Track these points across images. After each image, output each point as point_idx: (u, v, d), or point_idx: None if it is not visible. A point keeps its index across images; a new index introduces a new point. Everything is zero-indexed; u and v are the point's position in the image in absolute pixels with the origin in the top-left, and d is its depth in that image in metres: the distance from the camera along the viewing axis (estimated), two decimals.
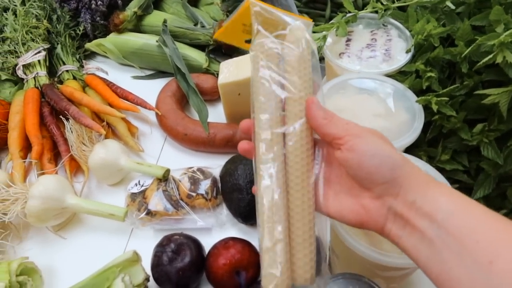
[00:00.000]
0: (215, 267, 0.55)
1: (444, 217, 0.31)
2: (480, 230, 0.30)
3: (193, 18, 0.94)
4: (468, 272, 0.29)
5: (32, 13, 0.90)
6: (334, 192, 0.37)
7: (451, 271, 0.30)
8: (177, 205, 0.65)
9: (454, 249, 0.30)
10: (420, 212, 0.32)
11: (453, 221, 0.31)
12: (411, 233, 0.32)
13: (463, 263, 0.29)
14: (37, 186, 0.63)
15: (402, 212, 0.33)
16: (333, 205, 0.37)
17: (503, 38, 0.47)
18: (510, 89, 0.48)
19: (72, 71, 0.87)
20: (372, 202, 0.34)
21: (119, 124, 0.78)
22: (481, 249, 0.29)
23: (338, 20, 0.65)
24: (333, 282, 0.43)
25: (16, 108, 0.78)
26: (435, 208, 0.32)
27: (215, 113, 0.83)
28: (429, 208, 0.32)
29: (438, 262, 0.31)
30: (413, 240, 0.32)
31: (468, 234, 0.30)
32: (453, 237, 0.30)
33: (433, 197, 0.32)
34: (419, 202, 0.32)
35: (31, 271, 0.60)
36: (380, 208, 0.34)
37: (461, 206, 0.32)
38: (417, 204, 0.32)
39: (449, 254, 0.30)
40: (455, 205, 0.31)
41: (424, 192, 0.33)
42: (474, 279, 0.28)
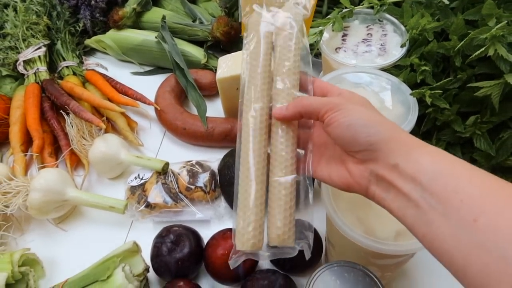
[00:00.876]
0: (214, 257, 0.56)
1: (428, 178, 0.31)
2: (464, 189, 0.30)
3: (191, 15, 0.95)
4: (453, 231, 0.29)
5: (32, 9, 0.91)
6: (326, 159, 0.40)
7: (437, 231, 0.30)
8: (176, 197, 0.66)
9: (439, 209, 0.30)
10: (404, 175, 0.33)
11: (436, 182, 0.31)
12: (396, 196, 0.33)
13: (448, 222, 0.30)
14: (38, 179, 0.64)
15: (384, 174, 0.34)
16: (325, 170, 0.40)
17: (494, 31, 0.48)
18: (502, 82, 0.49)
19: (72, 67, 0.88)
20: (355, 166, 0.36)
21: (119, 119, 0.79)
22: (465, 208, 0.29)
23: (335, 16, 0.66)
24: (328, 269, 0.44)
25: (17, 103, 0.79)
26: (418, 170, 0.32)
27: (213, 108, 0.84)
28: (412, 170, 0.32)
29: (424, 222, 0.31)
30: (398, 202, 0.33)
31: (452, 193, 0.30)
32: (438, 197, 0.31)
33: (416, 159, 0.33)
34: (402, 165, 0.33)
35: (32, 262, 0.61)
36: (362, 172, 0.36)
37: (445, 166, 0.32)
38: (400, 167, 0.33)
39: (434, 214, 0.31)
40: (439, 166, 0.32)
41: (406, 154, 0.33)
42: (459, 237, 0.29)
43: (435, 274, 0.58)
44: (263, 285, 0.52)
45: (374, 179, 0.35)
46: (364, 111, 0.36)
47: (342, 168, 0.38)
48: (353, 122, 0.35)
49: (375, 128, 0.35)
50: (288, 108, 0.40)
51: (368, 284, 0.43)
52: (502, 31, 0.48)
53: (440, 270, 0.55)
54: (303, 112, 0.39)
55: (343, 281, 0.43)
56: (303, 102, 0.39)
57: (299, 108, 0.39)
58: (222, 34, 0.87)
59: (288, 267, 0.57)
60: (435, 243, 0.31)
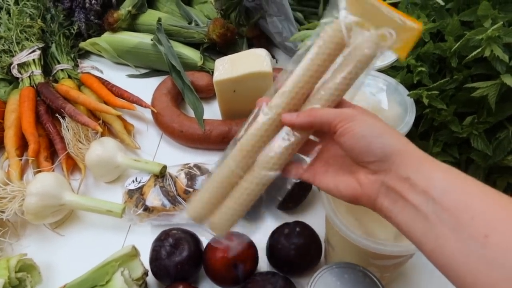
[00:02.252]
0: (213, 260, 0.56)
1: (439, 193, 0.31)
2: (475, 206, 0.30)
3: (187, 17, 0.95)
4: (462, 246, 0.29)
5: (26, 12, 0.90)
6: (333, 170, 0.39)
7: (445, 246, 0.30)
8: (175, 200, 0.66)
9: (449, 224, 0.30)
10: (415, 188, 0.33)
11: (448, 197, 0.31)
12: (404, 208, 0.33)
13: (458, 237, 0.29)
14: (34, 183, 0.64)
15: (395, 186, 0.34)
16: (331, 181, 0.39)
17: (490, 32, 0.49)
18: (498, 82, 0.50)
19: (67, 70, 0.88)
20: (366, 177, 0.36)
21: (115, 122, 0.79)
22: (476, 224, 0.29)
23: None
24: (328, 271, 0.45)
25: (11, 107, 0.79)
26: (430, 184, 0.32)
27: (210, 110, 0.84)
28: (424, 184, 0.32)
29: (432, 237, 0.31)
30: (406, 215, 0.33)
31: (464, 209, 0.30)
32: (449, 212, 0.30)
33: (428, 174, 0.33)
34: (414, 179, 0.33)
35: (29, 267, 0.61)
36: (373, 183, 0.35)
37: (456, 182, 0.32)
38: (412, 180, 0.33)
39: (443, 229, 0.30)
40: (451, 182, 0.32)
41: (418, 168, 0.33)
42: (468, 253, 0.29)
43: (434, 275, 0.58)
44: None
45: (384, 191, 0.35)
46: (377, 123, 0.36)
47: (351, 179, 0.37)
48: (367, 133, 0.35)
49: (389, 139, 0.35)
50: (299, 116, 0.38)
51: (368, 284, 0.43)
52: (498, 32, 0.49)
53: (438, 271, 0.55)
54: (315, 122, 0.38)
55: (343, 282, 0.43)
56: (316, 112, 0.38)
57: (311, 118, 0.38)
58: (218, 36, 0.87)
59: (287, 269, 0.57)
60: (443, 258, 0.30)
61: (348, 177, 0.38)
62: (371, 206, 0.36)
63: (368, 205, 0.36)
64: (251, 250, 0.57)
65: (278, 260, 0.58)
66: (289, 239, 0.57)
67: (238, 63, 0.72)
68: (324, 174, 0.39)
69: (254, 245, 0.58)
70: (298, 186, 0.64)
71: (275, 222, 0.66)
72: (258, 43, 0.93)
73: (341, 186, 0.38)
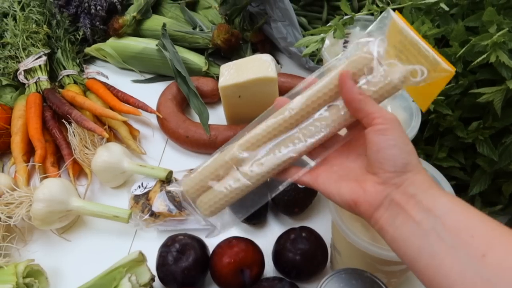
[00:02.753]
0: (220, 266, 0.56)
1: (442, 212, 0.32)
2: (476, 227, 0.31)
3: (191, 22, 0.95)
4: (459, 264, 0.30)
5: (32, 18, 0.91)
6: (337, 176, 0.39)
7: (442, 263, 0.31)
8: (181, 206, 0.66)
9: (448, 242, 0.31)
10: (419, 205, 0.33)
11: (451, 217, 0.32)
12: (404, 223, 0.34)
13: (456, 255, 0.30)
14: (41, 189, 0.64)
15: (400, 201, 0.34)
16: (333, 186, 0.39)
17: (496, 38, 0.49)
18: (504, 88, 0.50)
19: (73, 75, 0.88)
20: (373, 186, 0.36)
21: (121, 128, 0.79)
22: (475, 243, 0.30)
23: (336, 23, 0.66)
24: (336, 277, 0.45)
25: (18, 112, 0.79)
26: (435, 204, 0.33)
27: (215, 116, 0.84)
28: (429, 203, 0.33)
29: (428, 253, 0.32)
30: (405, 230, 0.33)
31: (464, 229, 0.31)
32: (449, 230, 0.31)
33: (434, 195, 0.34)
34: (420, 197, 0.34)
35: (37, 273, 0.61)
36: (379, 193, 0.35)
37: (460, 206, 0.33)
38: (417, 198, 0.34)
39: (441, 246, 0.31)
40: (455, 204, 0.33)
41: (426, 190, 0.34)
42: (464, 271, 0.29)
43: None
44: None
45: (387, 204, 0.35)
46: (407, 138, 0.36)
47: (356, 185, 0.37)
48: (399, 144, 0.35)
49: (412, 157, 0.35)
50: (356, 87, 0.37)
51: None
52: (503, 38, 0.49)
53: None
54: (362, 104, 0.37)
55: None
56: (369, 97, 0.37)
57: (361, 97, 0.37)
58: (223, 41, 0.87)
59: (293, 275, 0.58)
60: (438, 276, 0.31)
61: (352, 183, 0.38)
62: (367, 215, 0.36)
63: (365, 213, 0.36)
64: (257, 256, 0.58)
65: (285, 266, 0.58)
66: (295, 244, 0.57)
67: (243, 68, 0.72)
68: (327, 179, 0.40)
69: (260, 251, 0.58)
70: (303, 191, 0.64)
71: (281, 228, 0.66)
72: (263, 48, 0.93)
73: (343, 190, 0.38)
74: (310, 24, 0.91)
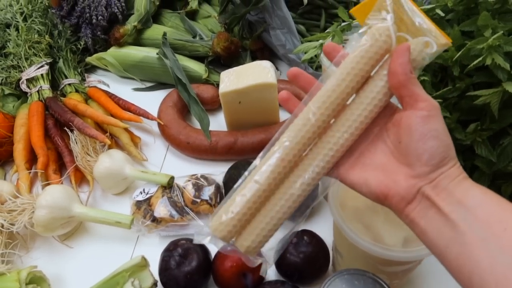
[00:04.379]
0: (222, 270, 0.57)
1: (474, 204, 0.32)
2: (509, 220, 0.30)
3: (191, 31, 0.97)
4: (490, 256, 0.30)
5: (34, 28, 0.92)
6: (362, 164, 0.37)
7: (471, 254, 0.30)
8: (182, 211, 0.67)
9: (480, 234, 0.31)
10: (450, 198, 0.33)
11: (482, 209, 0.31)
12: (434, 216, 0.33)
13: (487, 247, 0.30)
14: (44, 196, 0.64)
15: (431, 194, 0.33)
16: (360, 175, 0.37)
17: (491, 41, 0.50)
18: (500, 90, 0.51)
19: (74, 84, 0.89)
20: (406, 179, 0.34)
21: (122, 135, 0.80)
22: (508, 236, 0.30)
23: (334, 29, 0.68)
24: (338, 278, 0.45)
25: (20, 121, 0.80)
26: (466, 196, 0.32)
27: (215, 122, 0.85)
28: (460, 195, 0.33)
29: (459, 244, 0.31)
30: (436, 222, 0.33)
31: (497, 221, 0.30)
32: (481, 223, 0.31)
33: (465, 187, 0.33)
34: (451, 189, 0.33)
35: (39, 280, 0.61)
36: (412, 187, 0.34)
37: (492, 198, 0.32)
38: (448, 190, 0.33)
39: (473, 238, 0.31)
40: (487, 197, 0.32)
41: (458, 183, 0.33)
42: (495, 263, 0.29)
43: (441, 282, 0.58)
44: None
45: (419, 198, 0.34)
46: (447, 131, 0.35)
47: (385, 177, 0.36)
48: (440, 136, 0.34)
49: (450, 152, 0.34)
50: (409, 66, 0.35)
51: None
52: (498, 41, 0.50)
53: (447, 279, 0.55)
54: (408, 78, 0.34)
55: None
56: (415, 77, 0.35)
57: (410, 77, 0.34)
58: (222, 49, 0.88)
59: (296, 278, 0.58)
60: (467, 267, 0.31)
61: (380, 173, 0.36)
62: (399, 208, 0.35)
63: (396, 207, 0.35)
64: None
65: (287, 269, 0.58)
66: (297, 248, 0.58)
67: (243, 75, 0.73)
68: (351, 169, 0.37)
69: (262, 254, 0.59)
70: None
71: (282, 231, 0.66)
72: (262, 55, 0.94)
73: (372, 181, 0.36)
74: (308, 31, 0.92)
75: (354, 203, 0.49)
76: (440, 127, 0.34)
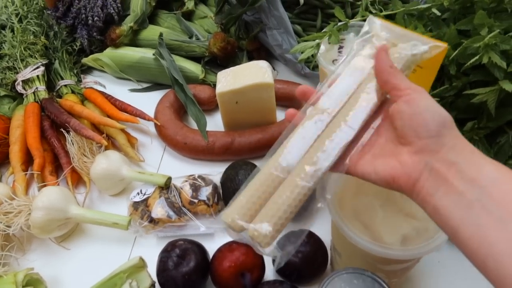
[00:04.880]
0: (221, 270, 0.56)
1: (488, 182, 0.31)
2: None
3: (188, 32, 0.96)
4: (506, 237, 0.29)
5: (29, 30, 0.92)
6: (371, 155, 0.38)
7: (486, 235, 0.30)
8: (180, 212, 0.67)
9: (496, 214, 0.30)
10: (462, 174, 0.32)
11: (498, 188, 0.30)
12: (447, 193, 0.32)
13: (504, 227, 0.29)
14: (40, 197, 0.64)
15: (440, 169, 0.33)
16: (369, 165, 0.37)
17: (487, 40, 0.50)
18: (497, 88, 0.51)
19: (71, 85, 0.89)
20: (410, 156, 0.35)
21: (119, 136, 0.79)
22: None
23: (330, 29, 0.68)
24: (337, 277, 0.45)
25: (16, 122, 0.79)
26: (479, 173, 0.31)
27: (212, 123, 0.85)
28: (472, 172, 0.32)
29: (473, 225, 0.30)
30: (448, 200, 0.32)
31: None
32: (496, 202, 0.30)
33: (478, 163, 0.32)
34: (462, 165, 0.32)
35: (36, 282, 0.61)
36: (417, 163, 0.34)
37: (507, 176, 0.31)
38: (459, 166, 0.32)
39: (487, 218, 0.30)
40: (502, 173, 0.31)
41: (468, 157, 0.33)
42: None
43: (439, 280, 0.59)
44: None
45: (428, 173, 0.34)
46: (438, 105, 0.35)
47: (392, 160, 0.36)
48: (430, 108, 0.34)
49: (448, 123, 0.34)
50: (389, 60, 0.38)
51: None
52: (494, 40, 0.50)
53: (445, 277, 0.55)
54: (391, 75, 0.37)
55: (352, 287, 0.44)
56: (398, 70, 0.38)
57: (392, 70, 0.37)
58: (219, 49, 0.88)
59: (294, 278, 0.58)
60: (483, 247, 0.30)
61: (388, 159, 0.36)
62: (409, 187, 0.35)
63: (405, 187, 0.35)
64: (257, 259, 0.58)
65: (285, 269, 0.58)
66: None
67: (240, 75, 0.73)
68: (360, 158, 0.38)
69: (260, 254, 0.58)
70: None
71: None
72: (258, 56, 0.94)
73: (379, 167, 0.36)
74: (304, 31, 0.92)
75: (353, 202, 0.49)
76: (427, 103, 0.35)
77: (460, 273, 0.58)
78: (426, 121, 0.34)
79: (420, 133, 0.34)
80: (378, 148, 0.38)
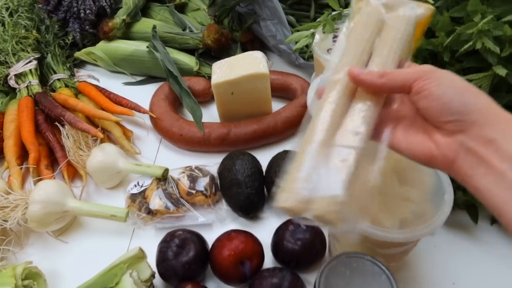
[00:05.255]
0: (220, 259, 0.57)
1: None
2: None
3: (181, 24, 0.96)
4: None
5: (21, 23, 0.91)
6: (403, 128, 0.37)
7: None
8: (178, 203, 0.67)
9: None
10: (501, 152, 0.30)
11: None
12: (487, 174, 0.31)
13: None
14: (37, 191, 0.64)
15: (477, 149, 0.32)
16: (402, 140, 0.36)
17: (480, 26, 0.51)
18: (491, 73, 0.52)
19: (64, 79, 0.88)
20: (443, 138, 0.34)
21: (114, 129, 0.79)
22: None
23: (325, 18, 0.68)
24: (337, 261, 0.46)
25: (10, 117, 0.79)
26: None
27: (207, 114, 0.85)
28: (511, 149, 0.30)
29: None
30: (488, 180, 0.31)
31: None
32: None
33: None
34: (501, 142, 0.31)
35: (35, 275, 0.61)
36: (451, 144, 0.33)
37: None
38: (498, 144, 0.31)
39: None
40: None
41: (505, 130, 0.31)
42: None
43: (435, 264, 0.60)
44: (272, 282, 0.53)
45: (464, 153, 0.32)
46: (455, 79, 0.33)
47: (426, 139, 0.35)
48: (446, 91, 0.32)
49: (469, 97, 0.32)
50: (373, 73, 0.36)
51: (377, 272, 0.44)
52: (487, 26, 0.51)
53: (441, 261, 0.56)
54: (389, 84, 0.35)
55: (352, 271, 0.45)
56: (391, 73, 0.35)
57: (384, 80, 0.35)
58: (213, 41, 0.88)
59: (293, 265, 0.58)
60: None
61: (422, 136, 0.35)
62: (447, 168, 0.34)
63: (444, 167, 0.34)
64: (257, 247, 0.58)
65: (284, 256, 0.58)
66: (294, 235, 0.58)
67: (235, 65, 0.73)
68: (392, 132, 0.37)
69: (259, 242, 0.59)
70: None
71: (278, 220, 0.67)
72: (252, 47, 0.94)
73: (414, 146, 0.35)
74: (298, 22, 0.92)
75: None
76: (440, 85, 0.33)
77: (455, 258, 0.60)
78: (446, 106, 0.33)
79: (444, 117, 0.33)
80: (410, 121, 0.37)
